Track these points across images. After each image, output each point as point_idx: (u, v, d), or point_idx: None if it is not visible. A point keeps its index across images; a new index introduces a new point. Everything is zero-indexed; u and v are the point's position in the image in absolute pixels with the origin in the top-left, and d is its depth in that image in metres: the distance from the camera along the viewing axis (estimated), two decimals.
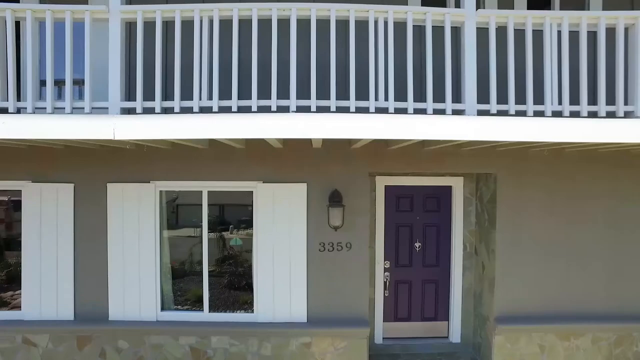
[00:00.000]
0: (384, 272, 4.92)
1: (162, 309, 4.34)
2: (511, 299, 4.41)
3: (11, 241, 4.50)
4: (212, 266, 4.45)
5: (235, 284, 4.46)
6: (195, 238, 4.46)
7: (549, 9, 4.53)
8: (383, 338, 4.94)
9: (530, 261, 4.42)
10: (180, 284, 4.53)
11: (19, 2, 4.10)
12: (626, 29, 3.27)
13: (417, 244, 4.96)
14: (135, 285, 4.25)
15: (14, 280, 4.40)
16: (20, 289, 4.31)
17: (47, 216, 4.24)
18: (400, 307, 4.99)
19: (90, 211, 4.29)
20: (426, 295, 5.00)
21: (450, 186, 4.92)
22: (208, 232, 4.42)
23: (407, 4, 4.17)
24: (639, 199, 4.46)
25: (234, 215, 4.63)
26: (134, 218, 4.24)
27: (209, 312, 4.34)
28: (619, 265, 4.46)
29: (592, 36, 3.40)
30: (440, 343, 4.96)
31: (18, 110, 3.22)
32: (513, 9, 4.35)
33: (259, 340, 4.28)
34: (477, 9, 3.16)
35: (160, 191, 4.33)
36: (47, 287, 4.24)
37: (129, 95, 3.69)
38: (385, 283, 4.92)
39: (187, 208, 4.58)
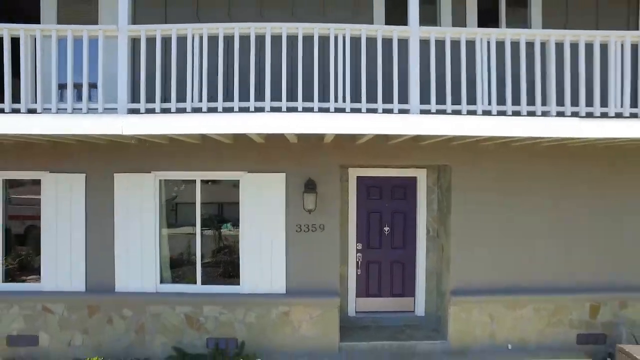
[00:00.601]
0: (357, 253, 5.64)
1: (161, 282, 5.08)
2: (465, 275, 5.12)
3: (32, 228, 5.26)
4: (204, 246, 5.18)
5: (224, 260, 5.20)
6: (191, 217, 5.18)
7: (497, 22, 5.27)
8: (356, 312, 5.66)
9: (482, 242, 5.13)
10: (177, 260, 5.27)
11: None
12: (543, 44, 3.99)
13: (386, 229, 5.69)
14: (138, 261, 4.99)
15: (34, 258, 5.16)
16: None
17: (62, 202, 4.99)
18: (371, 284, 5.71)
19: (99, 197, 5.03)
20: (394, 274, 5.72)
21: (415, 177, 5.65)
22: (201, 220, 5.14)
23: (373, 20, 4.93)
24: (577, 187, 5.17)
25: (223, 199, 5.36)
26: (137, 203, 4.99)
27: (202, 284, 5.08)
28: (557, 246, 5.16)
29: (517, 47, 4.12)
30: (407, 316, 5.68)
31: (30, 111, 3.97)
32: (465, 25, 5.12)
33: (245, 310, 5.01)
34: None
35: (160, 180, 5.07)
36: (62, 262, 4.99)
37: (134, 97, 4.44)
38: (357, 263, 5.64)
39: (183, 197, 5.33)
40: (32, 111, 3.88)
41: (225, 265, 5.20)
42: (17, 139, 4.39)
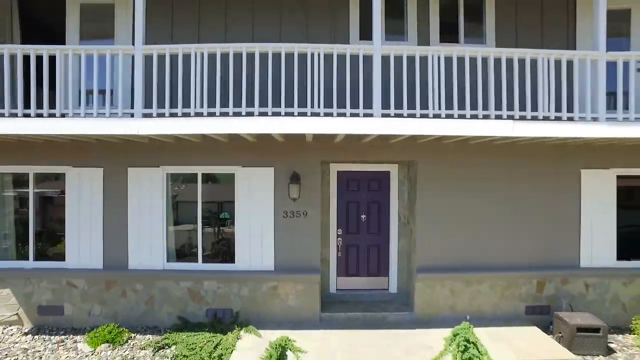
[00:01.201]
0: (337, 238, 6.54)
1: (167, 260, 5.99)
2: (429, 256, 6.01)
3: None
4: (204, 233, 6.09)
5: (222, 242, 6.11)
6: (193, 208, 6.09)
7: (457, 38, 6.16)
8: (337, 289, 6.56)
9: (443, 227, 6.02)
10: (183, 242, 6.18)
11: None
12: (484, 59, 4.89)
13: (363, 216, 6.58)
14: (147, 242, 5.91)
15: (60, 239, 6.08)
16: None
17: (84, 192, 5.92)
18: (350, 265, 6.61)
19: (115, 188, 5.95)
20: (370, 256, 6.62)
21: (389, 171, 6.55)
22: (202, 208, 6.05)
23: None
24: (525, 181, 6.06)
25: (221, 191, 6.27)
26: (147, 193, 5.91)
27: (202, 262, 5.99)
28: (509, 230, 6.05)
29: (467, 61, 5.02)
30: (381, 293, 6.57)
31: (63, 115, 4.88)
32: (429, 36, 6.03)
33: (239, 284, 5.91)
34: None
35: (167, 173, 5.99)
36: (84, 243, 5.91)
37: (146, 103, 5.35)
38: (338, 246, 6.54)
39: (187, 188, 6.24)
40: (64, 115, 4.80)
41: (222, 246, 6.11)
42: (47, 138, 5.32)
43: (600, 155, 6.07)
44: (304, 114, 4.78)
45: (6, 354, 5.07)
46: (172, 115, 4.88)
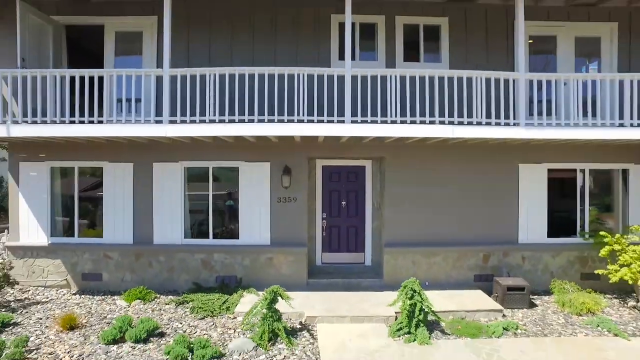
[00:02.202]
0: (322, 220, 8.12)
1: (185, 237, 7.59)
2: (394, 234, 7.59)
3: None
4: (214, 213, 7.68)
5: (228, 222, 7.70)
6: (205, 195, 7.68)
7: (419, 57, 7.74)
8: (322, 262, 8.15)
9: (406, 210, 7.59)
10: (197, 222, 7.78)
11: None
12: (431, 78, 6.47)
13: (343, 203, 8.17)
14: (169, 222, 7.50)
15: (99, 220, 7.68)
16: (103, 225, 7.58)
17: (118, 182, 7.52)
18: (333, 242, 8.19)
19: (142, 179, 7.55)
20: (349, 235, 8.20)
21: (364, 166, 8.13)
22: (213, 195, 7.63)
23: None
24: (473, 173, 7.62)
25: (227, 181, 7.86)
26: (168, 183, 7.50)
27: (212, 238, 7.58)
28: (460, 213, 7.62)
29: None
30: (358, 266, 8.15)
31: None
32: (395, 56, 7.60)
33: (242, 256, 7.51)
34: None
35: (184, 167, 7.59)
36: (118, 223, 7.51)
37: (171, 112, 6.93)
38: (323, 227, 8.13)
39: (200, 179, 7.82)
40: (109, 121, 6.40)
41: (228, 226, 7.71)
42: (90, 140, 6.91)
43: (534, 152, 7.65)
44: (292, 121, 6.37)
45: (64, 306, 6.68)
46: (192, 121, 6.46)
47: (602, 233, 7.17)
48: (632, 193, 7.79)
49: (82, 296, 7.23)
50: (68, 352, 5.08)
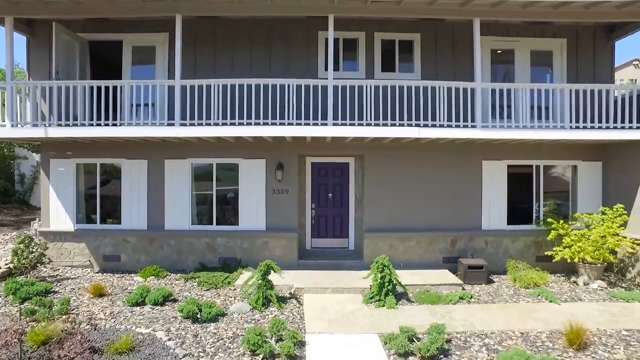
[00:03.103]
0: (311, 210, 9.41)
1: (192, 223, 8.88)
2: (374, 221, 8.86)
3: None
4: (218, 203, 8.97)
5: (229, 210, 9.00)
6: (209, 187, 8.97)
7: (394, 68, 9.02)
8: (311, 247, 9.43)
9: (384, 202, 8.86)
10: (203, 210, 9.07)
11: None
12: (401, 87, 7.76)
13: (330, 195, 9.45)
14: (178, 211, 8.80)
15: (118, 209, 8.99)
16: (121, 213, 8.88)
17: (135, 176, 8.82)
18: (321, 229, 9.47)
19: (155, 174, 8.85)
20: (335, 223, 9.48)
21: (348, 162, 9.42)
22: (216, 187, 8.93)
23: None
24: (443, 168, 8.89)
25: (228, 175, 9.14)
26: (178, 177, 8.80)
27: (216, 225, 8.88)
28: (431, 203, 8.89)
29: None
30: (343, 250, 9.43)
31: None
32: (374, 66, 8.89)
33: (241, 240, 8.79)
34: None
35: (191, 163, 8.89)
36: (134, 211, 8.81)
37: (181, 117, 8.21)
38: (312, 216, 9.42)
39: (205, 173, 9.11)
40: (129, 124, 7.70)
41: (230, 214, 9.01)
42: (110, 140, 8.20)
43: (495, 150, 8.91)
44: (283, 124, 7.66)
45: (90, 280, 7.98)
46: (199, 124, 7.75)
47: (549, 220, 8.44)
48: (580, 186, 9.05)
49: (104, 274, 8.53)
50: (102, 311, 6.38)
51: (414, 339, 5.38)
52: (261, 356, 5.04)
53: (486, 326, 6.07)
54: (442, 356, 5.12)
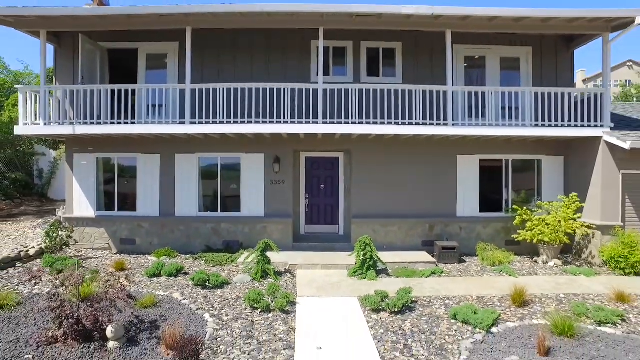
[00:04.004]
0: (305, 199, 10.66)
1: (199, 211, 10.14)
2: (360, 209, 10.11)
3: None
4: (222, 192, 10.23)
5: (232, 199, 10.26)
6: (215, 178, 10.23)
7: (379, 73, 10.28)
8: (305, 232, 10.68)
9: (369, 192, 10.11)
10: (209, 199, 10.33)
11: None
12: (382, 90, 9.01)
13: (322, 186, 10.70)
14: (187, 199, 10.06)
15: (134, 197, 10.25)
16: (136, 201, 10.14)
17: (148, 169, 10.09)
18: (314, 216, 10.72)
19: (167, 166, 10.12)
20: (327, 211, 10.72)
21: (338, 157, 10.67)
22: (220, 178, 10.19)
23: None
24: (422, 162, 10.13)
25: (232, 168, 10.40)
26: (186, 169, 10.07)
27: (221, 212, 10.13)
28: (411, 194, 10.13)
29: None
30: (334, 235, 10.68)
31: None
32: (360, 71, 10.16)
33: (243, 225, 10.05)
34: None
35: (198, 157, 10.15)
36: (148, 200, 10.08)
37: (191, 116, 9.44)
38: (306, 205, 10.67)
39: (211, 166, 10.36)
40: (146, 122, 8.96)
41: (233, 202, 10.27)
42: (126, 136, 9.46)
43: (469, 146, 10.15)
44: (280, 122, 8.92)
45: (111, 259, 9.24)
46: (206, 122, 9.01)
47: (515, 207, 9.68)
48: (545, 178, 10.29)
49: (122, 255, 9.79)
50: (125, 280, 7.62)
51: (386, 299, 6.62)
52: (259, 310, 6.29)
53: (450, 292, 7.31)
54: (407, 311, 6.36)
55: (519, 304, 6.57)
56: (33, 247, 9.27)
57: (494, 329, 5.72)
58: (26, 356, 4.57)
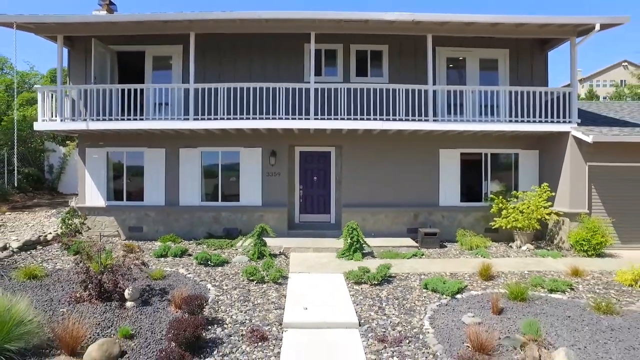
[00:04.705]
0: (300, 190, 11.61)
1: (201, 200, 11.10)
2: (350, 198, 11.06)
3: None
4: (223, 183, 11.18)
5: (232, 188, 11.22)
6: (215, 170, 11.19)
7: (367, 73, 11.23)
8: (299, 221, 11.63)
9: (358, 183, 11.05)
10: (210, 190, 11.29)
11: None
12: (368, 89, 9.96)
13: (315, 178, 11.65)
14: (190, 190, 11.02)
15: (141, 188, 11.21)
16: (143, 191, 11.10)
17: (154, 162, 11.05)
18: (308, 206, 11.67)
19: (172, 160, 11.08)
20: (319, 201, 11.67)
21: (329, 151, 11.62)
22: (221, 171, 11.14)
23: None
24: (408, 155, 11.06)
25: (232, 161, 11.34)
26: (190, 162, 11.03)
27: (221, 201, 11.09)
28: (397, 185, 11.07)
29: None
30: (326, 223, 11.62)
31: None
32: (350, 72, 11.11)
33: (242, 213, 11.00)
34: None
35: (201, 151, 11.11)
36: (154, 190, 11.04)
37: (194, 113, 10.38)
38: (300, 195, 11.61)
39: (212, 159, 11.31)
40: (153, 119, 9.92)
41: (232, 192, 11.23)
42: (134, 132, 10.42)
43: (451, 140, 11.09)
44: (275, 118, 9.87)
45: (121, 244, 10.20)
46: (208, 119, 9.96)
47: (491, 196, 10.61)
48: (521, 170, 11.22)
49: (130, 241, 10.74)
50: (137, 259, 8.57)
51: (367, 273, 7.55)
52: (255, 281, 7.24)
53: (426, 269, 8.24)
54: (385, 283, 7.30)
55: (485, 278, 7.51)
56: (50, 233, 10.24)
57: (458, 296, 6.66)
58: (61, 310, 5.52)
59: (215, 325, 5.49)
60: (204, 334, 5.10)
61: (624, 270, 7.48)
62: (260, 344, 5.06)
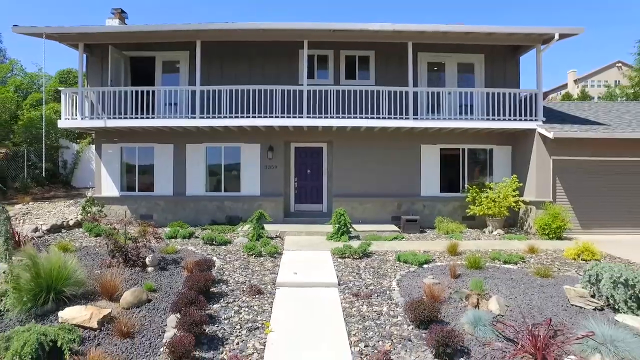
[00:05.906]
0: (295, 182, 12.95)
1: (206, 191, 12.44)
2: (340, 188, 12.39)
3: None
4: (226, 176, 12.52)
5: (234, 180, 12.56)
6: (219, 164, 12.53)
7: (355, 77, 12.57)
8: (294, 210, 12.96)
9: (348, 176, 12.38)
10: (214, 181, 12.63)
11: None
12: (355, 91, 11.29)
13: (308, 171, 12.98)
14: (196, 181, 12.37)
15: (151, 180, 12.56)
16: (154, 183, 12.44)
17: (163, 157, 12.40)
18: (302, 197, 13.00)
19: (179, 155, 12.42)
20: (313, 192, 13.00)
21: (322, 146, 12.95)
22: (224, 164, 12.48)
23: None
24: (392, 150, 12.39)
25: (233, 155, 12.68)
26: (196, 156, 12.38)
27: (224, 192, 12.43)
28: (383, 177, 12.40)
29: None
30: (318, 212, 12.94)
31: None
32: (340, 75, 12.46)
33: (242, 202, 12.34)
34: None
35: (206, 146, 12.45)
36: (163, 182, 12.39)
37: (200, 112, 11.74)
38: (295, 187, 12.95)
39: (216, 154, 12.65)
40: (164, 117, 11.26)
41: (234, 183, 12.57)
42: (146, 129, 11.77)
43: (431, 137, 12.41)
44: (272, 117, 11.21)
45: (134, 229, 11.54)
46: (212, 117, 11.31)
47: (468, 187, 11.93)
48: (495, 164, 12.54)
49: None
50: (154, 234, 9.94)
51: (350, 249, 8.86)
52: (254, 255, 8.58)
53: (403, 248, 9.55)
54: (365, 257, 8.62)
55: (452, 254, 8.82)
56: (71, 219, 11.58)
57: (425, 265, 7.99)
58: (95, 271, 6.86)
59: (221, 284, 6.82)
60: (212, 289, 6.43)
61: (571, 247, 8.79)
62: (257, 296, 6.39)
